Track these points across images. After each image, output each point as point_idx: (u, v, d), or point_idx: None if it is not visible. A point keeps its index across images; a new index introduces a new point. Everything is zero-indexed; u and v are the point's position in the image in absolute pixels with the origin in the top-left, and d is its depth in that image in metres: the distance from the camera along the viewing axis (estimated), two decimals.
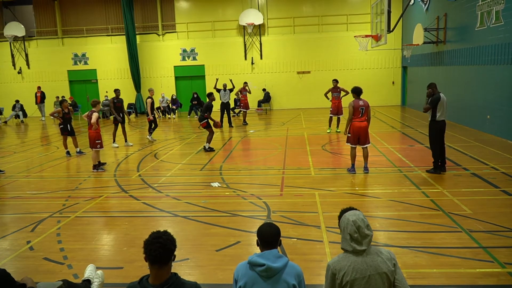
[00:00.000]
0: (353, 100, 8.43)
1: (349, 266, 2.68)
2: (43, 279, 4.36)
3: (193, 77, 23.39)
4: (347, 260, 2.71)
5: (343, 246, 2.78)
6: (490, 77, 12.15)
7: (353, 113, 8.33)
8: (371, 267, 2.68)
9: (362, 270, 2.67)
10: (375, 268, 2.68)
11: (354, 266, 2.68)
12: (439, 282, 4.21)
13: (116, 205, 7.20)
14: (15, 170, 10.20)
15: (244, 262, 2.80)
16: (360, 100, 8.35)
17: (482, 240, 5.09)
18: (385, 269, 2.69)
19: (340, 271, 2.70)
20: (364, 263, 2.68)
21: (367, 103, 8.39)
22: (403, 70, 21.96)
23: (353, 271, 2.67)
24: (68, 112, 11.61)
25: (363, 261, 2.69)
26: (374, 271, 2.68)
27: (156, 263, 2.49)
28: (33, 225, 6.23)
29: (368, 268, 2.67)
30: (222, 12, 22.86)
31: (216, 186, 8.00)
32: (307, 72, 22.58)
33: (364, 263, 2.69)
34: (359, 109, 8.29)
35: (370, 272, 2.67)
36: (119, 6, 22.96)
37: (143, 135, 15.12)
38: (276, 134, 14.19)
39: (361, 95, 8.46)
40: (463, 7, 13.77)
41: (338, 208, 6.26)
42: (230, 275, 3.42)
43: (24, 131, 18.88)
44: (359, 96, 8.41)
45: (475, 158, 9.32)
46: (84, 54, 23.91)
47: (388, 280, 2.70)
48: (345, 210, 2.91)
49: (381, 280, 2.67)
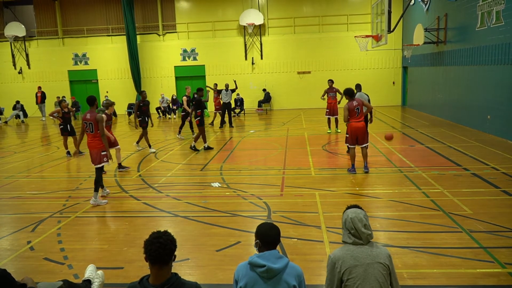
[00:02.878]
0: (347, 103, 8.46)
1: (348, 255, 2.77)
2: (44, 279, 4.36)
3: (194, 77, 23.40)
4: (347, 249, 2.82)
5: (344, 239, 2.88)
6: (490, 77, 12.14)
7: (349, 115, 8.36)
8: (370, 256, 2.76)
9: (361, 258, 2.75)
10: (374, 257, 2.75)
11: (353, 255, 2.77)
12: (440, 282, 4.21)
13: (116, 205, 7.19)
14: (15, 170, 10.21)
15: (245, 263, 2.80)
16: (354, 101, 8.37)
17: (482, 240, 5.08)
18: (383, 260, 2.76)
19: (339, 259, 2.78)
20: (363, 253, 2.78)
21: (360, 101, 8.42)
22: (404, 70, 21.95)
23: (351, 258, 2.76)
24: (68, 112, 11.61)
25: (362, 251, 2.78)
26: (373, 260, 2.75)
27: (157, 263, 2.49)
28: (33, 225, 6.23)
29: (367, 256, 2.75)
30: (222, 12, 22.87)
31: (216, 186, 8.00)
32: (307, 72, 22.58)
33: (363, 252, 2.78)
34: (354, 110, 8.32)
35: (369, 260, 2.74)
36: (119, 6, 22.97)
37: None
38: (276, 134, 14.19)
39: (354, 95, 8.50)
40: (463, 7, 13.77)
41: (338, 208, 6.34)
42: (230, 275, 3.42)
43: (24, 131, 18.89)
44: (352, 97, 8.44)
45: (476, 158, 9.32)
46: (84, 54, 23.92)
47: (386, 270, 2.75)
48: (349, 207, 2.99)
49: (379, 269, 2.73)
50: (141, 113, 11.69)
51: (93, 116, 7.06)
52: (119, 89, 23.39)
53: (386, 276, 2.75)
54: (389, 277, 2.78)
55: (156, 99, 22.62)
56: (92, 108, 7.23)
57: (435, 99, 17.01)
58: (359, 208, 2.94)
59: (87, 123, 7.15)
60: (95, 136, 7.12)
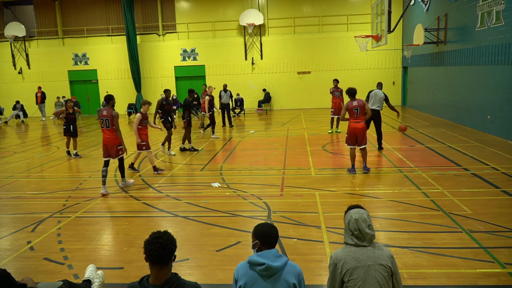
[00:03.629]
0: (347, 102, 8.53)
1: (350, 256, 2.76)
2: (44, 279, 4.36)
3: (194, 77, 23.40)
4: (348, 250, 2.80)
5: (345, 240, 2.86)
6: (490, 77, 12.14)
7: (348, 114, 8.43)
8: (371, 257, 2.74)
9: (362, 260, 2.74)
10: (375, 259, 2.74)
11: (354, 256, 2.76)
12: (440, 282, 4.21)
13: (116, 205, 7.20)
14: (15, 170, 10.20)
15: (244, 262, 2.80)
16: (354, 101, 8.38)
17: (482, 240, 5.08)
18: (384, 262, 2.74)
19: (340, 260, 2.78)
20: (365, 254, 2.76)
21: (362, 102, 8.42)
22: (404, 70, 21.95)
23: (352, 260, 2.74)
24: (72, 112, 11.55)
25: (363, 252, 2.77)
26: (374, 261, 2.73)
27: (157, 263, 2.49)
28: (33, 225, 6.23)
29: (368, 258, 2.74)
30: (222, 12, 22.87)
31: (216, 186, 8.00)
32: (307, 72, 22.58)
33: (365, 254, 2.76)
34: (353, 110, 8.34)
35: (371, 262, 2.72)
36: (119, 6, 22.97)
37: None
38: (276, 134, 14.19)
39: (355, 95, 8.51)
40: (463, 8, 13.76)
41: (338, 209, 6.33)
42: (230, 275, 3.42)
43: (24, 131, 18.89)
44: (353, 97, 8.46)
45: (476, 159, 9.31)
46: (84, 54, 23.92)
47: (387, 272, 2.74)
48: (351, 207, 2.97)
49: (380, 271, 2.71)
50: (163, 113, 11.12)
51: (109, 112, 7.72)
52: (119, 89, 23.32)
53: (387, 277, 2.73)
54: (390, 278, 2.77)
55: (156, 99, 22.61)
56: (108, 105, 7.85)
57: (435, 99, 17.02)
58: (361, 208, 2.92)
59: (103, 120, 7.80)
60: (112, 132, 7.79)
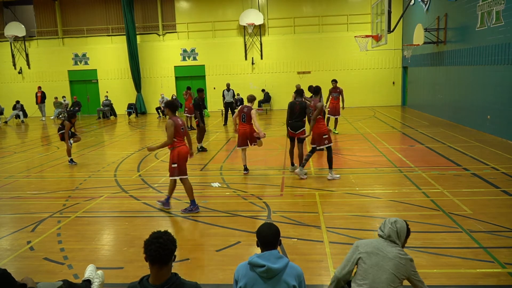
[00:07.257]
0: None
1: (371, 242, 3.20)
2: (44, 279, 4.36)
3: (194, 77, 23.40)
4: (373, 239, 3.25)
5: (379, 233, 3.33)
6: (490, 77, 12.14)
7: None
8: (387, 251, 3.09)
9: (379, 248, 3.12)
10: (388, 252, 3.09)
11: (373, 243, 3.18)
12: (440, 282, 4.21)
13: (116, 205, 7.19)
14: (15, 170, 10.20)
15: (245, 263, 2.80)
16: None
17: (482, 240, 5.09)
18: (396, 258, 3.06)
19: (362, 244, 3.22)
20: (384, 245, 3.14)
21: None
22: (404, 70, 21.95)
23: (370, 245, 3.16)
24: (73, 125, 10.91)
25: (384, 244, 3.15)
26: (387, 254, 3.08)
27: (156, 263, 2.49)
28: (33, 225, 6.23)
29: (384, 249, 3.11)
30: (222, 12, 22.87)
31: (216, 186, 8.00)
32: (307, 72, 22.58)
33: (384, 245, 3.14)
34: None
35: (384, 253, 3.09)
36: (119, 6, 22.97)
37: (143, 135, 15.10)
38: (276, 134, 14.19)
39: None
40: (463, 7, 13.77)
41: (338, 208, 6.35)
42: (230, 275, 3.42)
43: (24, 131, 18.88)
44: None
45: (476, 158, 9.32)
46: (84, 54, 23.92)
47: (395, 268, 3.02)
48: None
49: (389, 265, 3.03)
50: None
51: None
52: (119, 89, 23.38)
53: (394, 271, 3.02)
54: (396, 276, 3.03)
55: (156, 99, 22.66)
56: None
57: (435, 99, 17.02)
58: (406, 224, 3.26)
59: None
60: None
